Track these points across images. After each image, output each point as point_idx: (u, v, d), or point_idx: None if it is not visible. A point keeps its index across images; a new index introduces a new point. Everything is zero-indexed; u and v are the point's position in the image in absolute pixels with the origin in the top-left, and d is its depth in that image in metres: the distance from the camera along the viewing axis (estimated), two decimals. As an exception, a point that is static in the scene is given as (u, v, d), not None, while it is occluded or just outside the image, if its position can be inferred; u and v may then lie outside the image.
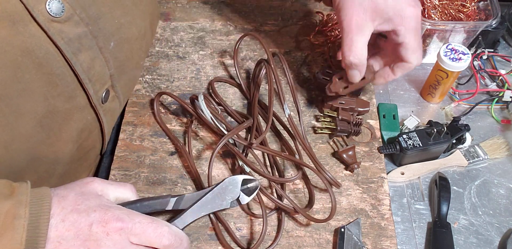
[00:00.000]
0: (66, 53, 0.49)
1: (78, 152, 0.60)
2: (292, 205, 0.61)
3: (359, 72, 0.62)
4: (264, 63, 0.68)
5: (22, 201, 0.41)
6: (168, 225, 0.47)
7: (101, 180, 0.49)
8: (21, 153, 0.50)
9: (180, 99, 0.70)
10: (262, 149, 0.64)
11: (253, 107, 0.69)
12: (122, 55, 0.60)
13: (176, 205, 0.54)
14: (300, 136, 0.66)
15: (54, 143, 0.54)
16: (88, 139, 0.61)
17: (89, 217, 0.43)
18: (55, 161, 0.56)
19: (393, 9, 0.57)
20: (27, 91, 0.47)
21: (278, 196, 0.64)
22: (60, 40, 0.48)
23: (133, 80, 0.72)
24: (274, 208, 0.64)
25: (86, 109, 0.57)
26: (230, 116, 0.72)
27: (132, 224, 0.44)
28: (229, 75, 0.78)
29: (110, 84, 0.59)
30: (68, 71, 0.51)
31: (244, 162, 0.63)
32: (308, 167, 0.63)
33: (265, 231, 0.60)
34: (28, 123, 0.49)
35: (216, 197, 0.55)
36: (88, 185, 0.47)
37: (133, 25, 0.61)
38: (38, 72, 0.47)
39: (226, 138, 0.62)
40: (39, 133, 0.51)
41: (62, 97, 0.51)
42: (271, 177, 0.64)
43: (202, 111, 0.67)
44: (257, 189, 0.56)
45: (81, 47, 0.51)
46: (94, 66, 0.54)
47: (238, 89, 0.76)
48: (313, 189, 0.65)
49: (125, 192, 0.51)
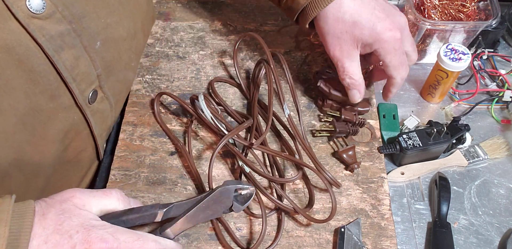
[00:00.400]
0: (48, 50, 0.48)
1: (66, 153, 0.59)
2: (292, 205, 0.61)
3: (358, 91, 0.66)
4: (264, 63, 0.68)
5: (2, 219, 0.40)
6: (156, 240, 0.46)
7: (82, 193, 0.47)
8: (5, 151, 0.49)
9: (180, 99, 0.70)
10: (262, 149, 0.64)
11: (253, 107, 0.69)
12: (109, 55, 0.60)
13: (166, 215, 0.51)
14: (300, 136, 0.66)
15: (39, 142, 0.53)
16: (76, 139, 0.60)
17: (71, 239, 0.42)
18: (41, 161, 0.55)
19: (370, 37, 0.60)
20: (7, 87, 0.46)
21: (278, 196, 0.64)
22: (41, 37, 0.47)
23: (124, 82, 0.71)
24: (274, 208, 0.64)
25: (71, 109, 0.56)
26: (230, 116, 0.72)
27: (117, 244, 0.43)
28: (229, 75, 0.78)
29: (98, 84, 0.59)
30: (50, 69, 0.50)
31: (244, 162, 0.63)
32: (308, 167, 0.63)
33: (265, 231, 0.60)
34: (9, 120, 0.48)
35: (208, 207, 0.52)
36: (68, 201, 0.45)
37: (120, 25, 0.61)
38: (18, 69, 0.46)
39: (227, 138, 0.62)
40: (21, 131, 0.50)
41: (45, 96, 0.51)
42: (271, 177, 0.64)
43: (202, 111, 0.67)
44: (251, 197, 0.54)
45: (64, 45, 0.50)
46: (79, 65, 0.53)
47: (238, 89, 0.76)
48: (313, 189, 0.65)
49: (110, 203, 0.48)
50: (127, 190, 0.65)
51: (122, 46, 0.63)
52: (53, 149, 0.56)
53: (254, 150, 0.66)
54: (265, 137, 0.69)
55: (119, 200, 0.49)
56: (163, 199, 0.64)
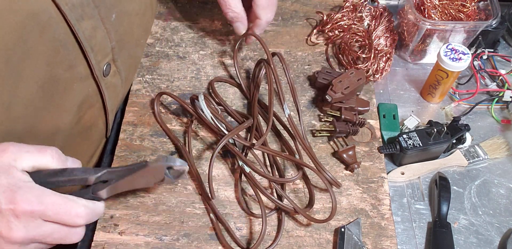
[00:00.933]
0: (70, 19, 0.49)
1: (78, 126, 0.60)
2: (292, 205, 0.61)
3: (241, 23, 0.72)
4: (264, 63, 0.68)
5: None
6: (85, 205, 0.46)
7: (16, 147, 0.45)
8: (22, 117, 0.50)
9: (180, 99, 0.70)
10: (262, 149, 0.64)
11: (253, 107, 0.69)
12: (122, 29, 0.61)
13: (97, 180, 0.50)
14: (300, 135, 0.66)
15: (55, 111, 0.54)
16: (89, 112, 0.61)
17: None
18: (54, 130, 0.56)
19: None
20: (30, 55, 0.47)
21: (278, 196, 0.64)
22: (64, 5, 0.48)
23: (135, 59, 0.73)
24: (274, 208, 0.64)
25: (87, 80, 0.57)
26: (230, 116, 0.72)
27: (43, 206, 0.43)
28: (229, 75, 0.78)
29: (112, 57, 0.60)
30: (70, 38, 0.51)
31: (244, 162, 0.63)
32: (308, 167, 0.63)
33: (265, 230, 0.60)
34: (29, 87, 0.49)
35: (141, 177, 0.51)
36: (0, 156, 0.44)
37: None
38: (41, 37, 0.47)
39: (227, 138, 0.62)
40: (40, 98, 0.51)
41: (63, 65, 0.52)
42: (271, 177, 0.64)
43: (202, 111, 0.67)
44: (184, 172, 0.52)
45: (84, 14, 0.51)
46: (96, 36, 0.55)
47: (238, 89, 0.76)
48: (313, 189, 0.65)
49: (43, 159, 0.46)
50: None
51: (134, 20, 0.65)
52: (67, 119, 0.57)
53: (254, 150, 0.66)
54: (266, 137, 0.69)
55: (54, 157, 0.47)
56: (163, 198, 0.64)
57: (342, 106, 0.70)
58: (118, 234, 0.61)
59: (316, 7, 0.87)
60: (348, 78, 0.70)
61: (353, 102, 0.71)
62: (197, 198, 0.65)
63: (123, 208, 0.63)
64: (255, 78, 0.73)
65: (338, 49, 0.81)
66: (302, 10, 0.87)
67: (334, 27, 0.82)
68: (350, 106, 0.71)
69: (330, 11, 0.86)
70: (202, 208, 0.64)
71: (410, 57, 0.83)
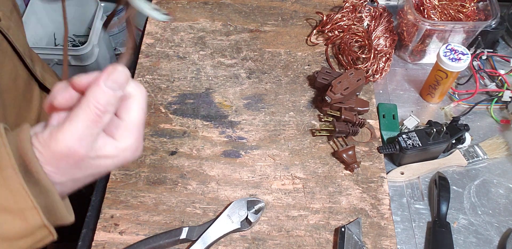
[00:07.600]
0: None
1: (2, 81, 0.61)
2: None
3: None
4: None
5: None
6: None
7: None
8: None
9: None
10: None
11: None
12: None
13: (190, 235, 0.60)
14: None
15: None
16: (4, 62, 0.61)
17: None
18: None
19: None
20: None
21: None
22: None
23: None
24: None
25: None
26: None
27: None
28: (229, 75, 0.78)
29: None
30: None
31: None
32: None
33: None
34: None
35: (224, 220, 0.61)
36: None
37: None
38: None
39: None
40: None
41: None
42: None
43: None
44: (263, 209, 0.62)
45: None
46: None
47: (237, 89, 0.76)
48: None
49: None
50: (127, 189, 0.65)
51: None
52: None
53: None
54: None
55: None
56: (163, 198, 0.65)
57: (342, 106, 0.71)
58: (119, 234, 0.61)
59: (316, 7, 0.87)
60: (347, 79, 0.70)
61: (353, 102, 0.71)
62: (197, 198, 0.65)
63: (123, 208, 0.64)
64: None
65: (338, 49, 0.81)
66: (302, 10, 0.87)
67: (334, 27, 0.82)
68: (350, 106, 0.71)
69: (330, 12, 0.86)
70: (202, 208, 0.64)
71: (409, 58, 0.83)
